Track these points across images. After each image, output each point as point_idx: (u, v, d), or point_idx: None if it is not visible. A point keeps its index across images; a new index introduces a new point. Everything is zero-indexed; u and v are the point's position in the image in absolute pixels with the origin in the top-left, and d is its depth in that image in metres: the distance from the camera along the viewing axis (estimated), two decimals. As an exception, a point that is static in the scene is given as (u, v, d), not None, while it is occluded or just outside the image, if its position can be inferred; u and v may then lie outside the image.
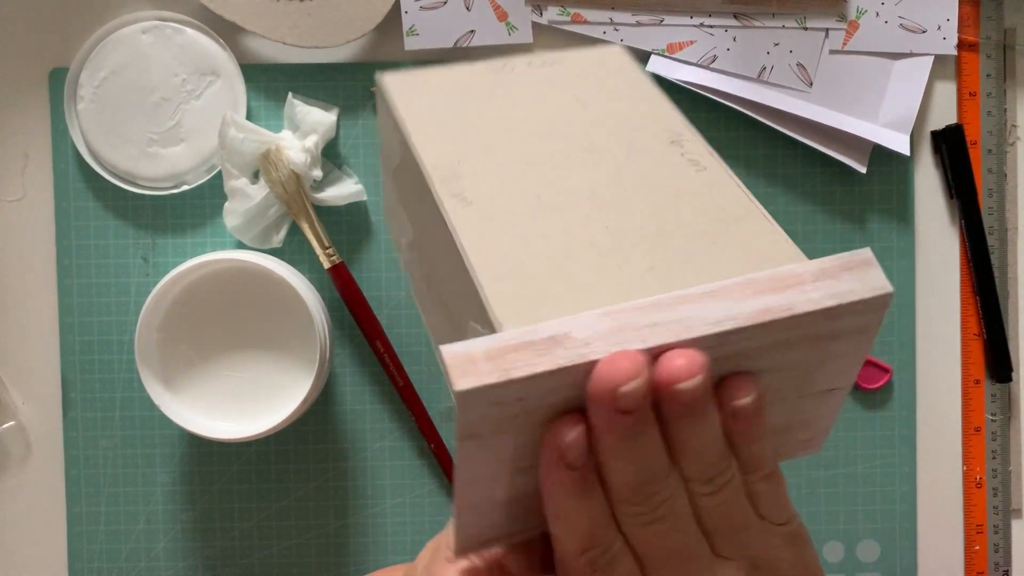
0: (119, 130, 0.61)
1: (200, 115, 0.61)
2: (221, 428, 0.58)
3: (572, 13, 0.62)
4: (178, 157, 0.61)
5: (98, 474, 0.63)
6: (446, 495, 0.63)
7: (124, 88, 0.61)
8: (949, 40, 0.62)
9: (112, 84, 0.61)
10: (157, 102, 0.61)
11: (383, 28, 0.62)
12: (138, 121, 0.61)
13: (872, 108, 0.62)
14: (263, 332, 0.59)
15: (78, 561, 0.63)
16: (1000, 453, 0.64)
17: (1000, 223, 0.63)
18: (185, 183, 0.62)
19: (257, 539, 0.63)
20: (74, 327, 0.63)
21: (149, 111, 0.61)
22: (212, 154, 0.61)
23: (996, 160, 0.63)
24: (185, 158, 0.61)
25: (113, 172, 0.61)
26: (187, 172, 0.61)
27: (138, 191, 0.61)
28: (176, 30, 0.61)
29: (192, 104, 0.61)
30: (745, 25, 0.62)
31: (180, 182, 0.62)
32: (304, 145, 0.60)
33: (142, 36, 0.61)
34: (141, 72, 0.61)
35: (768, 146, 0.63)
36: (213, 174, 0.62)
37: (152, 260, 0.63)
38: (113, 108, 0.61)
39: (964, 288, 0.64)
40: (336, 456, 0.63)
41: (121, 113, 0.61)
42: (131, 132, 0.61)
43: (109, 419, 0.63)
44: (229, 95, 0.61)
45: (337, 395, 0.63)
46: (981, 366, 0.64)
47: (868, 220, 0.63)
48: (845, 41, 0.62)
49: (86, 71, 0.61)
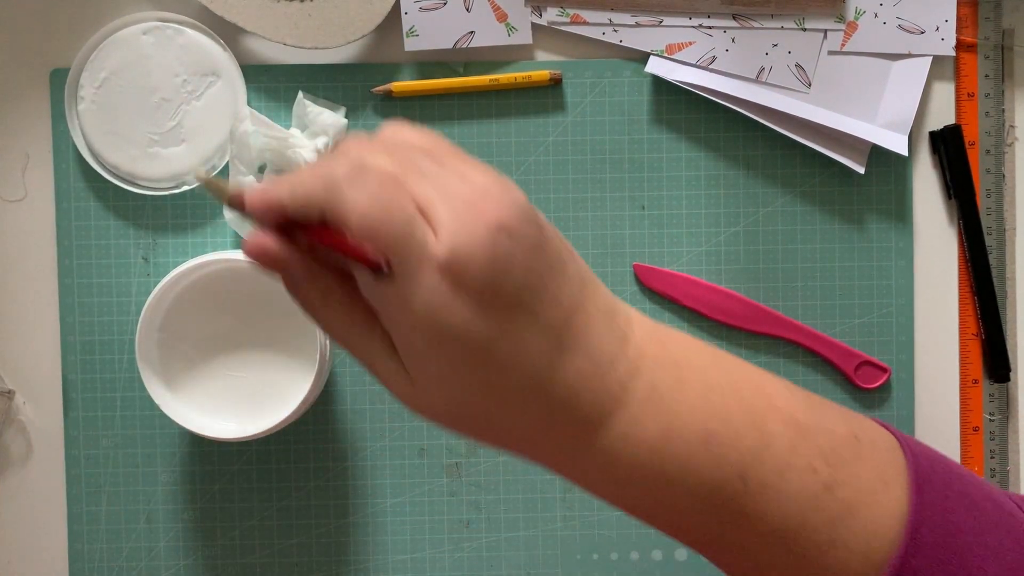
0: (120, 131, 0.61)
1: (201, 115, 0.61)
2: (221, 428, 0.58)
3: (571, 14, 0.62)
4: (179, 157, 0.61)
5: (99, 474, 0.63)
6: (446, 495, 0.64)
7: (125, 89, 0.61)
8: (947, 41, 0.62)
9: (112, 85, 0.61)
10: (158, 103, 0.61)
11: (383, 29, 0.62)
12: (139, 122, 0.61)
13: (871, 109, 0.62)
14: (263, 332, 0.59)
15: (78, 560, 0.63)
16: (998, 453, 0.64)
17: (998, 223, 0.64)
18: (185, 183, 0.62)
19: (257, 538, 0.63)
20: (75, 327, 0.63)
21: (150, 112, 0.61)
22: (213, 154, 0.61)
23: (994, 161, 0.63)
24: (186, 158, 0.61)
25: (114, 172, 0.62)
26: (187, 172, 0.61)
27: (139, 191, 0.62)
28: (177, 31, 0.61)
29: (193, 104, 0.61)
30: (744, 26, 0.62)
31: (180, 182, 0.62)
32: (315, 145, 0.60)
33: (143, 37, 0.61)
34: (142, 73, 0.61)
35: (767, 147, 0.63)
36: (214, 174, 0.62)
37: (153, 260, 0.63)
38: (114, 109, 0.61)
39: (962, 288, 0.64)
40: (336, 456, 0.63)
41: (122, 114, 0.61)
42: (132, 133, 0.61)
43: (110, 419, 0.63)
44: (230, 95, 0.61)
45: (337, 395, 0.63)
46: (979, 366, 0.64)
47: (867, 220, 0.63)
48: (844, 42, 0.62)
49: (87, 72, 0.61)
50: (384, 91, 0.62)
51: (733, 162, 0.63)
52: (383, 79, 0.63)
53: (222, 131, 0.61)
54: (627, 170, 0.63)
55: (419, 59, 0.63)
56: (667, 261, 0.63)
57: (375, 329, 0.36)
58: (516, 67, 0.63)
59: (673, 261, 0.63)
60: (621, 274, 0.63)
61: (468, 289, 0.33)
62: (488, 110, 0.63)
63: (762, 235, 0.63)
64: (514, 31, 0.62)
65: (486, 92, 0.63)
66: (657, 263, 0.63)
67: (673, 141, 0.63)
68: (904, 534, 0.38)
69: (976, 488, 0.40)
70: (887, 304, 0.63)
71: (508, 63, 0.63)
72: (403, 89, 0.62)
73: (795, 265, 0.63)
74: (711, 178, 0.63)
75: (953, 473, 0.41)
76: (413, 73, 0.63)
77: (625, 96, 0.63)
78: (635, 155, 0.63)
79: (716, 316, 0.63)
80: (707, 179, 0.63)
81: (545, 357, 0.35)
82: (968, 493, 0.40)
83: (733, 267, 0.63)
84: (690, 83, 0.62)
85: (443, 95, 0.63)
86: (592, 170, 0.63)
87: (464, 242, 0.32)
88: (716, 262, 0.63)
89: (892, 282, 0.63)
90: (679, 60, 0.62)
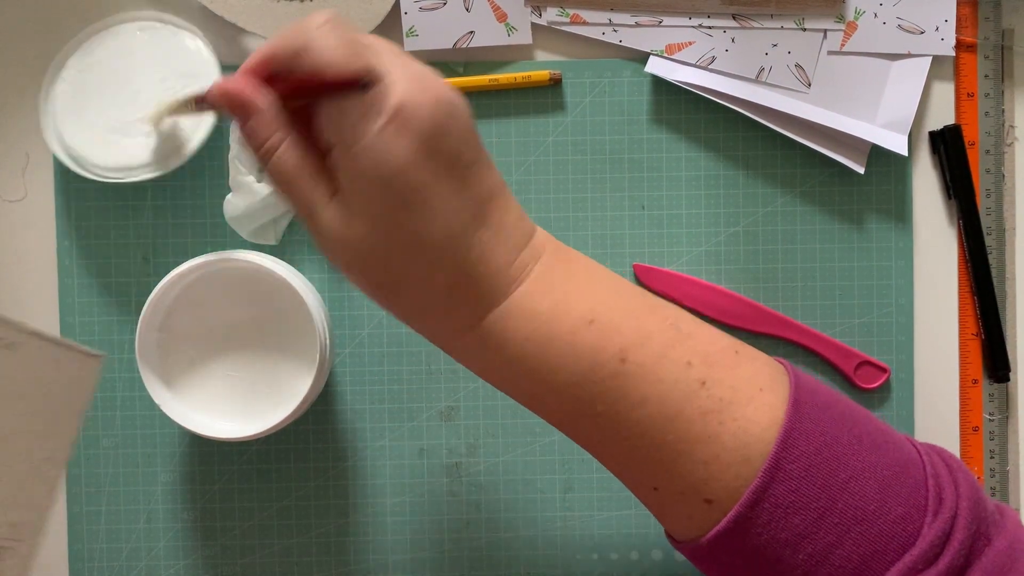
0: (86, 114, 0.60)
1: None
2: (221, 428, 0.58)
3: (571, 14, 0.62)
4: (133, 150, 0.60)
5: (99, 473, 0.63)
6: (446, 495, 0.64)
7: (105, 76, 0.60)
8: (947, 41, 0.62)
9: (95, 71, 0.60)
10: (131, 94, 0.60)
11: (383, 29, 0.62)
12: (107, 108, 0.60)
13: (870, 109, 0.62)
14: (263, 332, 0.59)
15: (78, 560, 0.63)
16: (998, 452, 0.64)
17: (998, 223, 0.64)
18: (132, 177, 0.60)
19: (257, 538, 0.63)
20: (75, 327, 0.63)
21: (121, 102, 0.60)
22: (168, 157, 0.60)
23: (994, 160, 0.63)
24: (140, 153, 0.60)
25: (67, 152, 0.60)
26: (137, 168, 0.60)
27: (83, 174, 0.60)
28: (172, 32, 0.61)
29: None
30: (744, 26, 0.62)
31: (127, 175, 0.60)
32: None
33: (138, 33, 0.61)
34: (125, 65, 0.60)
35: (767, 147, 0.63)
36: (157, 175, 0.60)
37: (153, 260, 0.63)
38: (88, 92, 0.60)
39: (962, 288, 0.64)
40: (336, 456, 0.63)
41: (93, 98, 0.60)
42: (96, 117, 0.60)
43: (110, 418, 0.63)
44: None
45: (337, 395, 0.63)
46: (979, 366, 0.64)
47: (866, 220, 0.63)
48: (843, 42, 0.62)
49: (75, 56, 0.60)
50: (384, 91, 0.62)
51: (733, 162, 0.63)
52: (383, 79, 0.63)
53: (183, 134, 0.60)
54: (627, 170, 0.63)
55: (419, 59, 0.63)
56: (667, 261, 0.63)
57: (321, 176, 0.40)
58: (516, 67, 0.63)
59: (673, 261, 0.63)
60: (621, 274, 0.63)
61: (411, 134, 0.38)
62: (488, 110, 0.63)
63: (762, 235, 0.63)
64: (514, 31, 0.62)
65: (486, 92, 0.63)
66: (657, 263, 0.63)
67: (673, 141, 0.63)
68: (777, 438, 0.40)
69: (865, 423, 0.42)
70: (887, 304, 0.63)
71: (508, 63, 0.63)
72: (403, 89, 0.62)
73: (795, 265, 0.63)
74: (711, 178, 0.63)
75: (841, 403, 0.43)
76: (413, 73, 0.63)
77: (625, 96, 0.63)
78: (635, 155, 0.63)
79: (716, 316, 0.63)
80: (707, 179, 0.63)
81: (463, 221, 0.40)
82: (853, 419, 0.42)
83: (733, 267, 0.63)
84: (690, 83, 0.62)
85: (443, 95, 0.63)
86: (592, 170, 0.63)
87: (413, 98, 0.38)
88: (716, 262, 0.63)
89: (892, 282, 0.63)
90: (679, 60, 0.62)
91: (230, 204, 0.60)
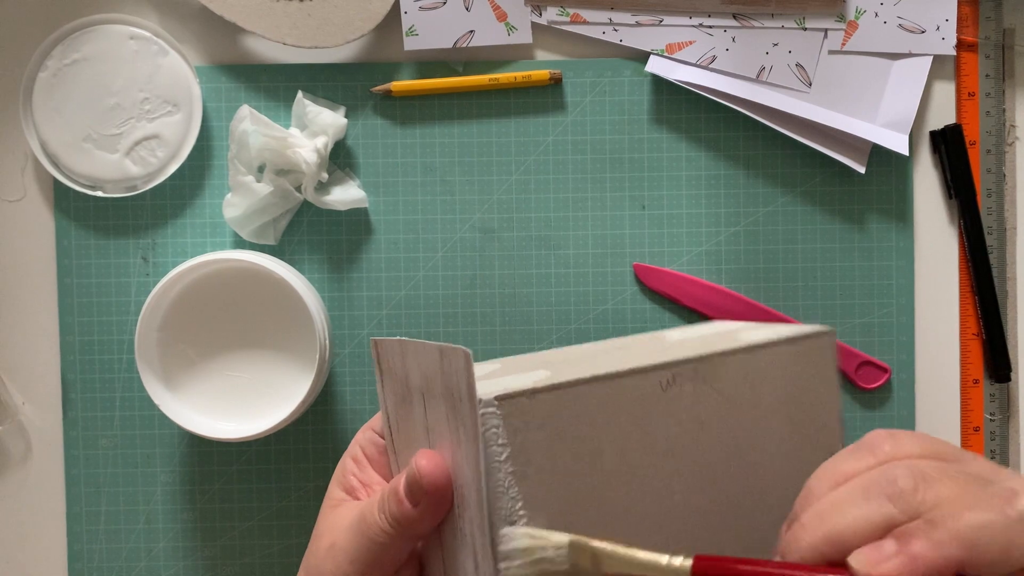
0: (64, 113, 0.60)
1: (144, 138, 0.61)
2: (221, 428, 0.58)
3: (571, 13, 0.62)
4: (104, 164, 0.61)
5: (98, 474, 0.63)
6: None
7: (89, 77, 0.60)
8: (948, 40, 0.62)
9: (79, 68, 0.60)
10: (112, 106, 0.61)
11: (383, 28, 0.62)
12: (85, 113, 0.60)
13: (871, 108, 0.62)
14: (263, 332, 0.59)
15: (78, 561, 0.63)
16: (999, 453, 0.64)
17: (999, 223, 0.64)
18: (101, 191, 0.61)
19: (257, 538, 0.63)
20: (74, 327, 0.63)
21: (100, 111, 0.60)
22: (136, 179, 0.61)
23: (995, 160, 0.63)
24: (111, 169, 0.61)
25: (43, 148, 0.61)
26: (107, 183, 0.61)
27: (53, 172, 0.61)
28: (162, 49, 0.60)
29: (143, 124, 0.61)
30: (744, 25, 0.62)
31: (95, 187, 0.61)
32: (315, 145, 0.60)
33: (129, 41, 0.61)
34: (110, 71, 0.60)
35: (767, 146, 0.63)
36: (132, 194, 0.61)
37: (152, 260, 0.63)
38: (69, 90, 0.60)
39: (963, 288, 0.64)
40: (336, 456, 0.63)
41: (73, 98, 0.60)
42: (74, 120, 0.60)
43: (109, 419, 0.63)
44: (180, 132, 0.61)
45: (337, 395, 0.63)
46: (980, 366, 0.64)
47: (867, 220, 0.63)
48: (844, 41, 0.62)
49: (63, 45, 0.60)
50: (383, 90, 0.62)
51: (733, 162, 0.63)
52: (383, 78, 0.63)
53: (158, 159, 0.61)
54: (627, 170, 0.63)
55: (419, 58, 0.63)
56: (667, 261, 0.63)
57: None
58: (516, 66, 0.63)
59: (673, 261, 0.63)
60: (621, 274, 0.63)
61: None
62: (488, 110, 0.63)
63: (762, 235, 0.63)
64: (514, 30, 0.62)
65: (486, 92, 0.63)
66: (657, 263, 0.63)
67: (673, 141, 0.63)
68: None
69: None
70: (887, 304, 0.63)
71: (508, 62, 0.63)
72: (402, 88, 0.62)
73: (795, 265, 0.63)
74: (711, 178, 0.63)
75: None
76: (413, 72, 0.63)
77: (625, 96, 0.63)
78: (635, 155, 0.63)
79: (716, 316, 0.63)
80: (707, 179, 0.63)
81: None
82: None
83: (733, 267, 0.63)
84: (690, 82, 0.62)
85: (443, 95, 0.63)
86: (592, 170, 0.63)
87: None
88: (716, 262, 0.63)
89: (892, 282, 0.63)
90: (679, 59, 0.62)
91: (230, 204, 0.60)
